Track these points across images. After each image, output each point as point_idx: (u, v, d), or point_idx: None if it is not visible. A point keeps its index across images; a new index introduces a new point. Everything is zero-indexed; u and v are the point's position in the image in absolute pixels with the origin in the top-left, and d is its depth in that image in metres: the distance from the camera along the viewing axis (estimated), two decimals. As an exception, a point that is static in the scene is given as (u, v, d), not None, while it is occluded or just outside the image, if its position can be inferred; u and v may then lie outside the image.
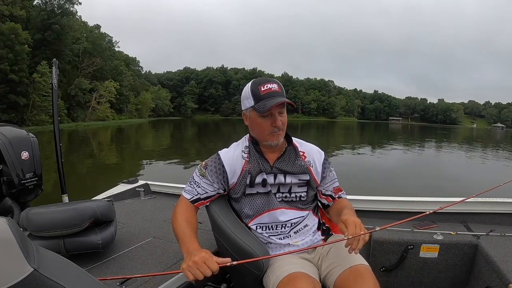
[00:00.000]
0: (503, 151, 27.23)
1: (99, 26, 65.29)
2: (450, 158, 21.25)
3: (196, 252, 1.28)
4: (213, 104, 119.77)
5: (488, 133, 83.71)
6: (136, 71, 78.90)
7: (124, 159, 16.53)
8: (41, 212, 1.75)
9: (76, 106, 50.28)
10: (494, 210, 2.33)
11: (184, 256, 1.34)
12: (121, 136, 32.26)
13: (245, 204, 1.63)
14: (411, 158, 20.77)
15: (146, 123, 62.88)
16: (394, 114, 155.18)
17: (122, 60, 69.34)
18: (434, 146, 30.41)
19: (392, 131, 66.91)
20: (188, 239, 1.43)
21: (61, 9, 48.67)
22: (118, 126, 47.26)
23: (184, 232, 1.47)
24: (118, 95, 57.33)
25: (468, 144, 34.51)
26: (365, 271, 1.41)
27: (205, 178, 1.62)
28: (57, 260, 0.75)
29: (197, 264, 1.22)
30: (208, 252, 1.27)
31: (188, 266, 1.23)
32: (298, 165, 1.64)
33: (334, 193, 1.71)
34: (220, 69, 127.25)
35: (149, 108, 78.34)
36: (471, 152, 24.82)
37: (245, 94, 1.57)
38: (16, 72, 36.35)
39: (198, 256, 1.24)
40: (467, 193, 2.17)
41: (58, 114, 2.76)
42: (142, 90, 76.72)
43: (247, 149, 1.65)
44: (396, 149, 24.87)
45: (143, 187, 3.43)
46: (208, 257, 1.24)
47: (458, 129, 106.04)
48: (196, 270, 1.22)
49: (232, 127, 55.06)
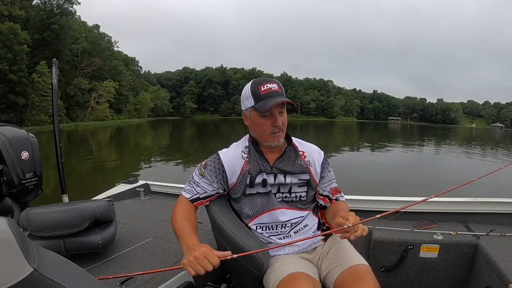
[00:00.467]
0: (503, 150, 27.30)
1: (98, 26, 65.49)
2: (449, 157, 21.32)
3: (196, 247, 1.28)
4: (212, 104, 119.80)
5: (487, 132, 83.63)
6: (135, 71, 78.94)
7: (123, 159, 16.49)
8: (41, 212, 1.75)
9: (75, 106, 50.26)
10: (494, 210, 2.33)
11: (184, 252, 1.33)
12: (120, 136, 32.24)
13: (245, 204, 1.63)
14: (411, 157, 20.86)
15: (145, 123, 62.90)
16: (393, 114, 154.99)
17: (121, 60, 69.36)
18: (433, 145, 30.51)
19: (391, 130, 66.94)
20: (188, 235, 1.42)
21: (60, 9, 48.64)
22: (117, 126, 47.22)
23: (183, 229, 1.47)
24: (117, 95, 57.39)
25: (467, 143, 34.60)
26: (365, 271, 1.41)
27: (204, 178, 1.61)
28: (57, 260, 0.75)
29: (198, 258, 1.22)
30: (208, 247, 1.27)
31: (189, 261, 1.23)
32: (298, 165, 1.64)
33: (331, 194, 1.70)
34: (219, 69, 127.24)
35: (148, 108, 78.37)
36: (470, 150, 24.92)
37: (245, 94, 1.56)
38: (15, 72, 36.36)
39: (199, 251, 1.24)
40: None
41: (58, 114, 2.76)
42: (141, 90, 76.77)
43: (247, 149, 1.64)
44: (393, 149, 24.92)
45: (143, 187, 3.43)
46: (209, 252, 1.23)
47: (457, 128, 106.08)
48: (197, 265, 1.21)
49: (231, 127, 55.07)
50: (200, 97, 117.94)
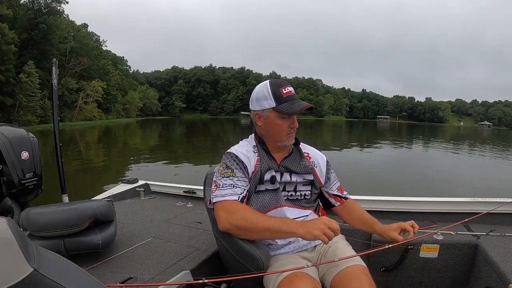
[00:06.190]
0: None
1: (87, 25, 65.03)
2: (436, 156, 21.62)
3: (312, 221, 1.38)
4: (201, 104, 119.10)
5: (475, 131, 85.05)
6: (123, 71, 78.40)
7: (111, 159, 16.30)
8: (41, 212, 1.75)
9: (63, 106, 49.36)
10: (494, 210, 2.32)
11: (302, 231, 1.35)
12: (108, 136, 31.96)
13: (254, 201, 1.62)
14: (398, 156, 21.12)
15: (134, 122, 62.30)
16: (382, 113, 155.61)
17: (110, 59, 68.90)
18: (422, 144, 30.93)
19: (380, 129, 67.53)
20: (286, 220, 1.46)
21: (48, 8, 48.08)
22: (106, 126, 46.54)
23: (273, 220, 1.46)
24: (105, 95, 56.95)
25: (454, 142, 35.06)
26: (361, 272, 1.43)
27: (235, 178, 1.54)
28: (57, 260, 0.75)
29: (327, 224, 1.32)
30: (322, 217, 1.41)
31: (321, 230, 1.31)
32: (303, 166, 1.68)
33: (340, 192, 1.78)
34: (208, 68, 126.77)
35: (137, 108, 77.81)
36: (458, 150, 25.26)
37: (263, 95, 1.58)
38: (2, 72, 35.91)
39: (321, 220, 1.36)
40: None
41: (58, 114, 2.76)
42: (130, 90, 76.15)
43: (255, 148, 1.65)
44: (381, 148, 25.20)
45: (143, 187, 3.42)
46: (328, 218, 1.36)
47: (445, 127, 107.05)
48: (329, 231, 1.30)
49: (221, 126, 55.10)
50: (189, 96, 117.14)
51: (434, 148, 27.43)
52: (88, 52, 56.81)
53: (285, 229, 1.38)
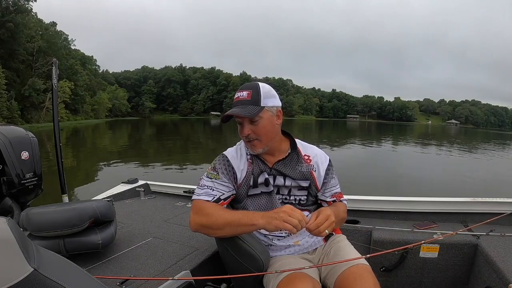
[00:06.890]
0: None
1: (55, 23, 63.29)
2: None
3: (273, 211, 1.35)
4: (171, 104, 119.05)
5: (442, 129, 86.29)
6: (92, 70, 77.28)
7: (79, 161, 15.91)
8: (41, 212, 1.74)
9: (30, 107, 48.23)
10: (494, 210, 2.32)
11: (262, 223, 1.33)
12: (77, 138, 31.50)
13: (249, 204, 1.61)
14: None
15: (103, 123, 61.46)
16: (352, 112, 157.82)
17: (78, 59, 67.60)
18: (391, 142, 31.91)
19: (349, 128, 67.96)
20: (248, 213, 1.43)
21: (16, 6, 46.53)
22: (74, 127, 45.23)
23: (236, 213, 1.45)
24: (73, 95, 55.74)
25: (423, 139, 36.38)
26: (364, 271, 1.41)
27: (218, 181, 1.55)
28: (57, 260, 0.76)
29: (288, 212, 1.29)
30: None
31: (281, 218, 1.28)
32: (299, 171, 1.62)
33: (337, 199, 1.71)
34: (179, 68, 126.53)
35: (106, 109, 77.18)
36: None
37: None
38: (-34, 73, 35.02)
39: (281, 209, 1.32)
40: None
41: (58, 114, 2.76)
42: (99, 90, 75.57)
43: (248, 151, 1.62)
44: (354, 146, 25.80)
45: (143, 187, 3.42)
46: (291, 207, 1.33)
47: (413, 126, 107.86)
48: (291, 218, 1.27)
49: (191, 127, 54.85)
50: (159, 96, 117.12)
51: (403, 146, 28.45)
52: (56, 51, 54.48)
53: (245, 221, 1.37)
